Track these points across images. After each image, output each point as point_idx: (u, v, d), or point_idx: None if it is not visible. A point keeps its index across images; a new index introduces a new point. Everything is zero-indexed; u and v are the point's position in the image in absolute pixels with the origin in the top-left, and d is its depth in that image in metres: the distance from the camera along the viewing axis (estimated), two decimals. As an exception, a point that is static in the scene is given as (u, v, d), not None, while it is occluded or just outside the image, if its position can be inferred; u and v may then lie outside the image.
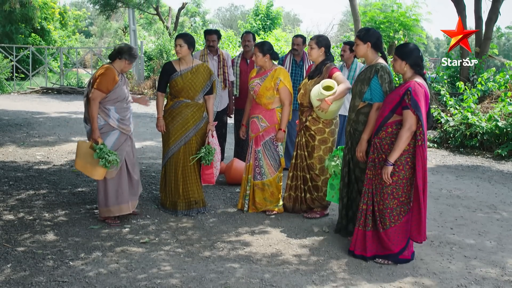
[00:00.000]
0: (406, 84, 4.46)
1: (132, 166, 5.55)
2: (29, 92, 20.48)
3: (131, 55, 5.38)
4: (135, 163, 5.62)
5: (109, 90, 5.23)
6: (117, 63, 5.38)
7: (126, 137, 5.44)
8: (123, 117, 5.38)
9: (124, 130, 5.39)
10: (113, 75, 5.25)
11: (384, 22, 16.26)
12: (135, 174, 5.56)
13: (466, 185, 7.66)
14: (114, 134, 5.33)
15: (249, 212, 5.93)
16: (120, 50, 5.38)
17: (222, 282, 4.14)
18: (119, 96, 5.31)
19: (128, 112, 5.46)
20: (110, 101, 5.28)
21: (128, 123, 5.44)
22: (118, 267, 4.37)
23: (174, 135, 5.78)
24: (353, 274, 4.41)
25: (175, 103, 5.79)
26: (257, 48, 5.86)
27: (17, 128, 11.48)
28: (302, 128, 5.77)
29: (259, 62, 5.87)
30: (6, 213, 5.64)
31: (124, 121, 5.39)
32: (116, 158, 5.15)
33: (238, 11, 54.20)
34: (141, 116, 14.58)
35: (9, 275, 4.14)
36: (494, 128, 9.90)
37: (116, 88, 5.27)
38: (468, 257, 4.86)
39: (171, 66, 5.81)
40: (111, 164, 5.13)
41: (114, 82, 5.25)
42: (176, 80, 5.73)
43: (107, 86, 5.20)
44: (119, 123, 5.34)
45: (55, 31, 27.33)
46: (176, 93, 5.79)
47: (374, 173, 4.61)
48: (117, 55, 5.36)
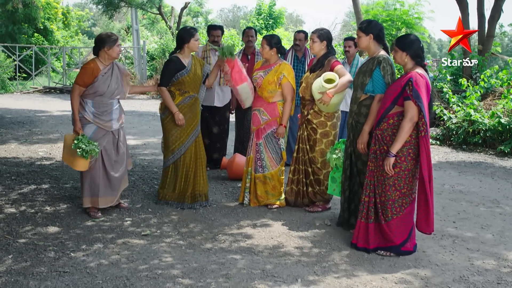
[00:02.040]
0: (408, 75, 4.44)
1: (112, 163, 5.45)
2: (32, 92, 20.52)
3: (110, 38, 5.27)
4: (117, 161, 5.51)
5: (87, 84, 5.20)
6: (102, 55, 5.28)
7: (104, 133, 5.35)
8: (101, 112, 5.29)
9: (101, 125, 5.31)
10: (91, 69, 5.20)
11: (386, 21, 16.23)
12: (114, 172, 5.46)
13: (469, 180, 7.64)
14: (90, 127, 5.28)
15: (251, 206, 5.92)
16: (99, 40, 5.30)
17: (224, 272, 4.13)
18: (98, 91, 5.23)
19: (109, 107, 5.34)
20: (89, 95, 5.25)
21: (106, 119, 5.33)
22: (119, 258, 4.36)
23: (187, 130, 5.74)
24: (355, 265, 4.40)
25: (185, 98, 5.73)
26: (266, 40, 5.80)
27: (20, 126, 11.49)
28: (304, 121, 5.75)
29: (265, 55, 5.83)
30: (8, 206, 5.64)
31: (102, 116, 5.30)
32: (94, 148, 5.12)
33: (240, 12, 54.23)
34: (144, 114, 14.60)
35: (10, 265, 4.14)
36: (497, 125, 9.87)
37: (95, 83, 5.21)
38: (470, 250, 4.84)
39: (180, 61, 5.68)
40: (89, 154, 5.11)
41: (93, 76, 5.20)
42: (188, 75, 5.67)
43: (84, 80, 5.20)
44: (94, 117, 5.27)
45: (58, 31, 27.36)
46: (186, 88, 5.72)
47: (376, 164, 4.60)
48: (100, 47, 5.27)
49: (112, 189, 5.47)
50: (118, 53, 5.36)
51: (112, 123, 5.38)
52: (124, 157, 5.59)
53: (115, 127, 5.43)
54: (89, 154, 5.12)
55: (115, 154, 5.48)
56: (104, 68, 5.28)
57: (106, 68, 5.30)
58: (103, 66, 5.29)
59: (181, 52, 5.74)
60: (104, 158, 5.39)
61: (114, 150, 5.46)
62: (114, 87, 5.33)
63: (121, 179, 5.57)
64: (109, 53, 5.26)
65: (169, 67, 5.67)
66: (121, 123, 5.51)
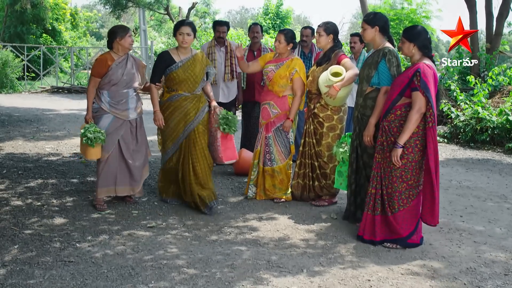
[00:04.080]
0: (415, 66, 4.42)
1: (130, 152, 5.47)
2: (40, 91, 20.57)
3: (122, 29, 5.36)
4: (137, 150, 5.54)
5: (101, 74, 5.28)
6: (115, 46, 5.36)
7: (122, 122, 5.37)
8: (117, 101, 5.33)
9: (117, 114, 5.35)
10: (105, 59, 5.29)
11: (394, 20, 16.15)
12: (134, 161, 5.47)
13: (476, 176, 7.59)
14: (108, 117, 5.33)
15: (257, 199, 5.90)
16: (111, 33, 5.38)
17: (229, 263, 4.12)
18: (112, 80, 5.27)
19: (125, 96, 5.37)
20: (105, 85, 5.30)
21: (123, 108, 5.37)
22: (124, 249, 4.37)
23: (176, 128, 5.54)
24: (361, 257, 4.38)
25: (172, 96, 5.52)
26: (283, 35, 5.71)
27: (27, 124, 11.52)
28: (311, 115, 5.73)
29: (282, 49, 5.75)
30: (14, 199, 5.66)
31: (118, 105, 5.34)
32: (99, 136, 5.13)
33: (248, 14, 54.20)
34: (150, 113, 14.58)
35: (16, 255, 4.16)
36: (505, 122, 9.80)
37: (109, 72, 5.27)
38: (477, 243, 4.81)
39: (169, 56, 5.46)
40: (94, 142, 5.10)
41: (107, 66, 5.27)
42: (176, 72, 5.43)
43: (98, 70, 5.29)
44: (110, 107, 5.32)
45: (66, 32, 27.44)
46: (174, 86, 5.50)
47: (383, 156, 4.57)
48: (112, 39, 5.35)
49: (132, 179, 5.49)
50: (130, 43, 5.38)
51: (129, 112, 5.40)
52: (143, 146, 5.62)
53: (132, 117, 5.43)
54: (94, 142, 5.10)
55: (134, 143, 5.50)
56: (118, 58, 5.34)
57: (120, 58, 5.35)
58: (117, 56, 5.34)
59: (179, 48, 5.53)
60: (122, 148, 5.41)
61: (132, 139, 5.48)
62: (129, 76, 5.36)
63: (142, 168, 5.59)
64: (122, 43, 5.31)
65: (157, 62, 5.57)
66: (139, 113, 5.52)
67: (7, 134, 9.92)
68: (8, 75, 19.64)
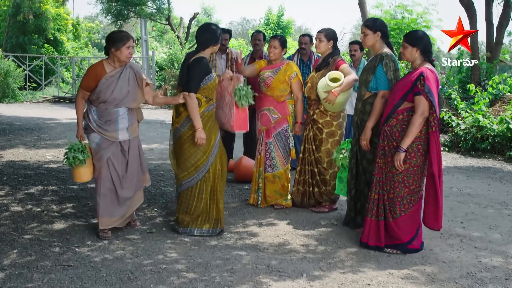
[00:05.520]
0: (418, 70, 4.42)
1: (118, 177, 4.78)
2: (41, 101, 20.64)
3: (119, 38, 4.62)
4: (126, 177, 4.82)
5: (90, 87, 4.63)
6: (111, 56, 4.68)
7: (109, 144, 4.71)
8: (104, 121, 4.68)
9: (104, 135, 4.69)
10: (94, 72, 4.64)
11: (394, 29, 16.24)
12: (121, 187, 4.78)
13: (477, 184, 7.57)
14: (96, 136, 4.72)
15: (261, 207, 5.88)
16: (108, 39, 4.67)
17: (228, 267, 4.11)
18: (100, 97, 4.63)
19: (114, 116, 4.69)
20: (94, 101, 4.69)
21: (110, 129, 4.69)
22: (124, 253, 4.36)
23: (210, 141, 4.93)
24: (361, 262, 4.37)
25: (210, 106, 4.96)
26: (278, 40, 5.77)
27: (28, 132, 11.54)
28: (310, 121, 5.74)
29: (277, 55, 5.79)
30: (14, 205, 5.66)
31: (104, 125, 4.68)
32: (78, 156, 4.62)
33: (250, 25, 54.42)
34: (152, 122, 14.62)
35: (15, 259, 4.15)
36: (505, 130, 9.79)
37: (97, 88, 4.62)
38: (478, 248, 4.79)
39: (209, 64, 4.93)
40: (72, 162, 4.64)
41: (96, 79, 4.61)
42: (215, 80, 4.95)
43: (86, 84, 4.65)
44: (97, 126, 4.68)
45: (68, 42, 27.58)
46: (211, 95, 4.96)
47: (385, 161, 4.56)
48: (111, 47, 4.64)
49: (118, 207, 4.80)
50: (127, 56, 4.66)
51: (118, 134, 4.73)
52: (134, 172, 4.88)
53: (122, 138, 4.76)
54: (72, 163, 4.66)
55: (123, 168, 4.81)
56: (111, 70, 4.65)
57: (114, 71, 4.65)
58: (111, 68, 4.66)
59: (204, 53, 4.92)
60: (112, 174, 4.75)
61: (121, 163, 4.79)
62: (120, 94, 4.65)
63: (130, 196, 4.87)
64: (117, 55, 4.62)
65: (201, 69, 4.80)
66: (132, 134, 4.85)
67: (8, 142, 9.93)
68: (10, 85, 19.74)
